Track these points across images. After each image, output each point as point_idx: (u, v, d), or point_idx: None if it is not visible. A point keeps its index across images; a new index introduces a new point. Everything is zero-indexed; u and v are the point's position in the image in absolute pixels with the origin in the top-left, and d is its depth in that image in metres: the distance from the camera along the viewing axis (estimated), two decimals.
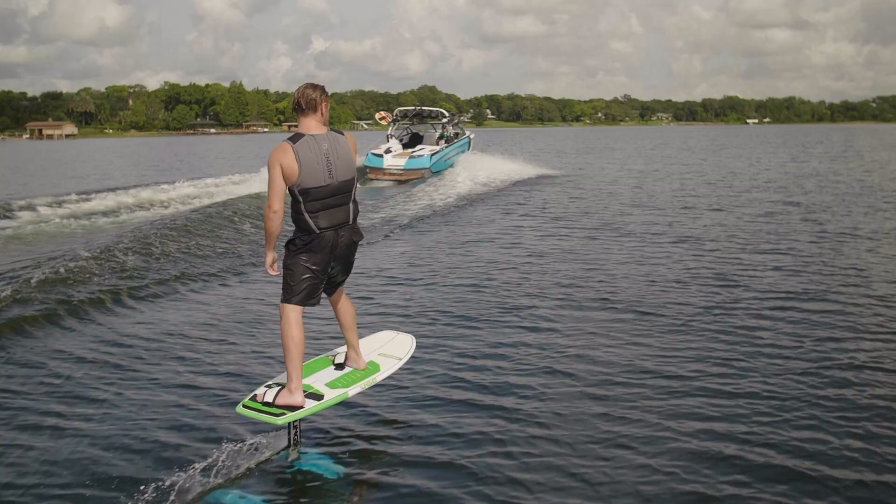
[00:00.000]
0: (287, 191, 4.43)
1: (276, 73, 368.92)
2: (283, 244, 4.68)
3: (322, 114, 4.55)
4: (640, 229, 13.65)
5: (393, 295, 8.95)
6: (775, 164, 33.57)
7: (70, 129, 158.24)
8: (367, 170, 24.80)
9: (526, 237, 12.94)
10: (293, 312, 4.52)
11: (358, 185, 4.75)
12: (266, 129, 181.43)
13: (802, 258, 10.71)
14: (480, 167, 25.62)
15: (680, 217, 15.26)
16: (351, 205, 4.64)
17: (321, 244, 4.49)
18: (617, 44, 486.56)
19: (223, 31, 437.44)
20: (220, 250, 12.30)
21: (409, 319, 7.78)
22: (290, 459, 4.60)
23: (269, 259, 4.67)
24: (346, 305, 4.96)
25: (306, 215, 4.44)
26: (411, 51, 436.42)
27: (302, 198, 4.41)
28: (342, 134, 4.65)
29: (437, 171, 25.06)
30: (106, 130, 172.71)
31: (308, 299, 4.57)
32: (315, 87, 4.56)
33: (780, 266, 10.21)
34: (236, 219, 15.09)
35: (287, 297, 4.54)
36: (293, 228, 4.61)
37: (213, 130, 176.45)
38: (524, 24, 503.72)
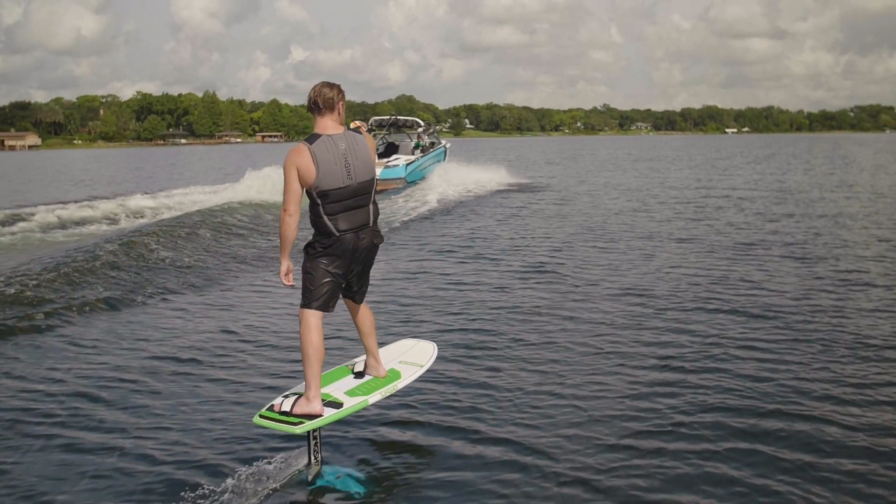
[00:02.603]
0: (305, 193, 4.28)
1: (256, 82, 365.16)
2: (302, 248, 4.50)
3: (339, 113, 4.42)
4: (573, 274, 10.33)
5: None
6: (753, 177, 30.46)
7: (33, 139, 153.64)
8: None
9: (412, 291, 9.56)
10: (313, 318, 4.38)
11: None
12: (239, 140, 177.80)
13: (787, 329, 7.44)
14: (455, 177, 25.80)
15: (632, 253, 11.98)
16: (371, 206, 4.51)
17: (342, 247, 4.36)
18: (597, 53, 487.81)
19: (202, 41, 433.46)
20: (213, 260, 12.27)
21: None
22: (311, 476, 4.40)
23: (283, 268, 4.46)
24: (364, 311, 4.80)
25: (325, 218, 4.32)
26: (391, 60, 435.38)
27: (321, 200, 4.29)
28: (360, 133, 4.49)
29: (412, 181, 24.73)
30: (75, 141, 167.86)
31: (328, 304, 4.42)
32: (332, 85, 4.44)
33: (754, 346, 6.93)
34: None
35: (307, 302, 4.40)
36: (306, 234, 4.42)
37: (183, 141, 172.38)
38: (504, 33, 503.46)
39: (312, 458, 4.47)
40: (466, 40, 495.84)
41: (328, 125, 4.38)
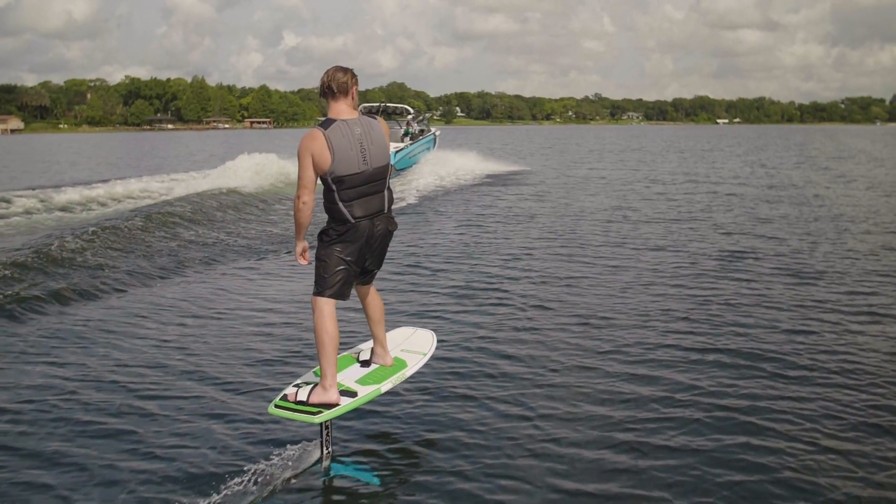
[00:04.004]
0: (319, 179, 4.19)
1: (247, 68, 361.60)
2: (315, 235, 4.39)
3: (353, 97, 4.32)
4: (523, 293, 8.53)
5: None
6: (745, 170, 28.70)
7: (15, 123, 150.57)
8: None
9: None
10: (327, 306, 4.28)
11: None
12: (227, 126, 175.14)
13: (782, 383, 5.69)
14: (443, 166, 25.93)
15: (598, 265, 10.20)
16: (386, 192, 4.41)
17: (356, 234, 4.27)
18: (589, 42, 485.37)
19: (193, 26, 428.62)
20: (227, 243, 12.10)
21: None
22: (324, 466, 4.32)
23: (299, 248, 4.42)
24: (375, 299, 4.70)
25: (340, 204, 4.23)
26: (384, 47, 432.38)
27: (336, 186, 4.20)
28: (375, 118, 4.36)
29: (401, 169, 24.35)
30: (60, 125, 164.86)
31: (342, 292, 4.32)
32: (345, 70, 4.33)
33: (738, 408, 5.18)
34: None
35: (320, 290, 4.30)
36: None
37: (170, 126, 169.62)
38: (496, 21, 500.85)
39: (324, 448, 4.37)
40: (459, 28, 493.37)
41: (342, 110, 4.26)
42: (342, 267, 4.28)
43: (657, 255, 10.70)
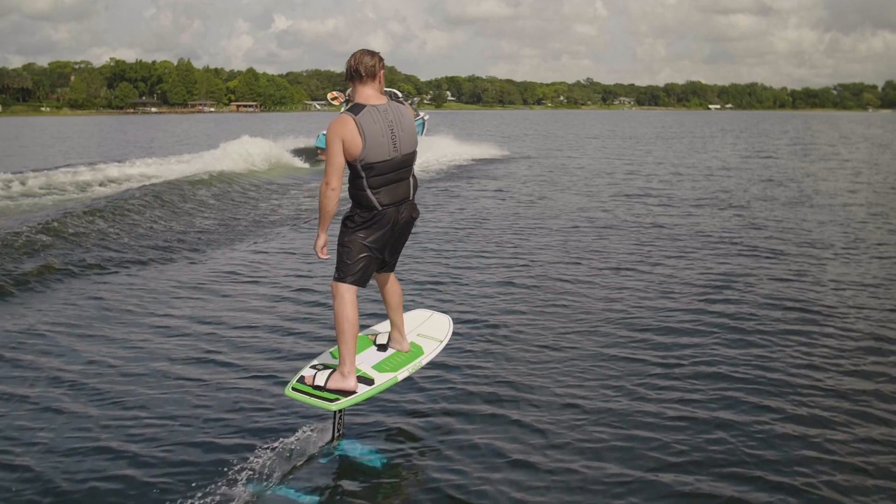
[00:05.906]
0: (347, 165, 4.05)
1: (237, 51, 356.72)
2: (340, 220, 4.23)
3: (380, 82, 4.16)
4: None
5: None
6: (735, 161, 26.31)
7: None
8: (319, 151, 24.45)
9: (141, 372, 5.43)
10: (348, 292, 4.18)
11: (308, 166, 7.01)
12: (212, 109, 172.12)
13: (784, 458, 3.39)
14: (431, 151, 25.15)
15: (540, 289, 7.80)
16: (411, 179, 4.30)
17: (382, 221, 4.16)
18: (581, 27, 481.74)
19: (183, 8, 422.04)
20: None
21: None
22: (332, 448, 4.28)
23: (320, 241, 4.26)
24: (394, 285, 4.60)
25: (368, 191, 4.09)
26: (375, 31, 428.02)
27: (365, 173, 4.07)
28: (403, 103, 4.24)
29: None
30: (42, 108, 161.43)
31: (364, 279, 4.23)
32: (372, 53, 4.19)
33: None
34: None
35: (342, 276, 4.19)
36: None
37: (154, 109, 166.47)
38: (489, 5, 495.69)
39: (336, 431, 4.29)
40: (450, 12, 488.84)
41: (370, 95, 4.09)
42: (365, 254, 4.15)
43: (619, 281, 8.30)
